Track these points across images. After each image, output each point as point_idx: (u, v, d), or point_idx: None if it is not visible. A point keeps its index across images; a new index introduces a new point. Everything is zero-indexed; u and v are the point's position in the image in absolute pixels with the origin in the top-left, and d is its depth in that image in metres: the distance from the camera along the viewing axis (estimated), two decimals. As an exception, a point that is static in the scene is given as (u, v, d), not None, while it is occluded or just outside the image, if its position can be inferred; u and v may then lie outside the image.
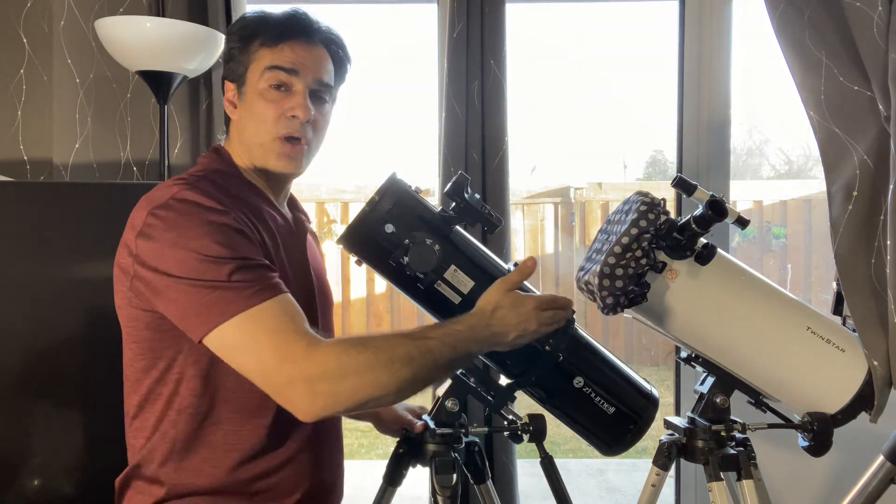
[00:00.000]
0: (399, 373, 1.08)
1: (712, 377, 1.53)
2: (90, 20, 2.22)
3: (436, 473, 1.37)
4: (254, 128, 1.25)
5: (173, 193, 1.12)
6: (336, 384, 1.05)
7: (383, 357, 1.08)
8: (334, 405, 1.07)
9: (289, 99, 1.24)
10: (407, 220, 1.23)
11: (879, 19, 1.51)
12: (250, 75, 1.25)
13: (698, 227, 1.37)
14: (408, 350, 1.10)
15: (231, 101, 1.28)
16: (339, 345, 1.08)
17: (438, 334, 1.14)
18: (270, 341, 1.05)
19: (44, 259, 1.73)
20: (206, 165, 1.26)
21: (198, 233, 1.08)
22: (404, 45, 7.73)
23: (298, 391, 1.05)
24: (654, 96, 9.44)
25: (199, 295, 1.06)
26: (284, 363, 1.04)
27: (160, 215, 1.10)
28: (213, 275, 1.06)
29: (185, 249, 1.07)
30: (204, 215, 1.10)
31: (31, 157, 2.23)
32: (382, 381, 1.08)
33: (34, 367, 1.73)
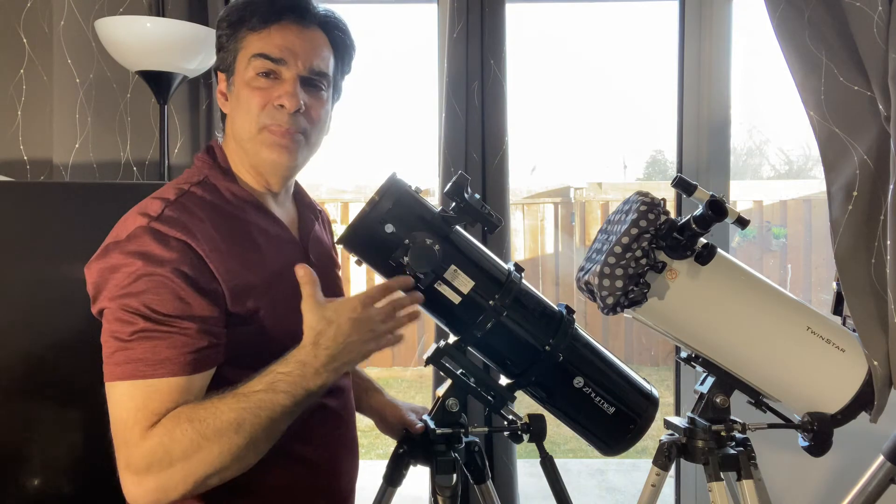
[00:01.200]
0: (231, 442, 1.00)
1: (712, 377, 1.53)
2: (90, 20, 2.22)
3: (436, 473, 1.37)
4: (241, 119, 1.18)
5: (130, 232, 1.07)
6: (162, 475, 0.99)
7: (209, 432, 0.99)
8: (166, 497, 1.00)
9: (276, 87, 1.16)
10: (407, 220, 1.23)
11: (879, 19, 1.51)
12: (238, 64, 1.18)
13: (698, 227, 1.37)
14: (237, 416, 1.01)
15: (222, 92, 1.22)
16: (164, 428, 1.00)
17: (264, 385, 1.04)
18: (122, 418, 1.02)
19: (44, 259, 1.73)
20: (191, 178, 1.19)
21: (125, 285, 1.04)
22: (404, 45, 7.71)
23: (126, 481, 1.01)
24: (654, 96, 9.44)
25: (104, 343, 1.05)
26: (121, 447, 1.02)
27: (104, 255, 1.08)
28: (119, 331, 1.03)
29: (110, 298, 1.05)
30: (142, 267, 1.04)
31: (31, 157, 2.23)
32: (213, 458, 1.00)
33: (34, 367, 1.73)
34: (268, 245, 1.19)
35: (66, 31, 2.23)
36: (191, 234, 1.08)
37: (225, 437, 1.00)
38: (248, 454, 1.03)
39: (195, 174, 1.19)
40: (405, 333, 1.19)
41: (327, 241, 1.41)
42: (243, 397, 1.03)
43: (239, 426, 1.01)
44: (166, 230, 1.07)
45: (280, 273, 1.16)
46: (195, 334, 1.05)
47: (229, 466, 1.02)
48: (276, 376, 1.05)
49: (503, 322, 1.30)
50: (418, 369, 6.03)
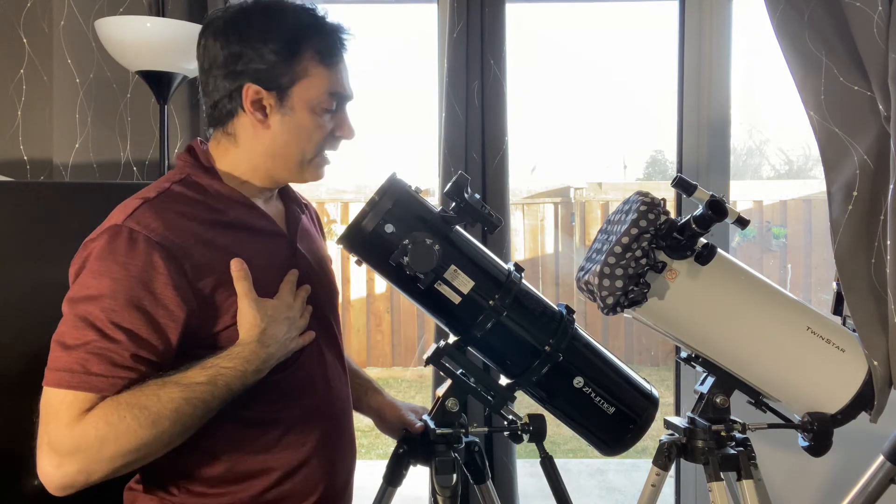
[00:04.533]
0: (165, 431, 1.03)
1: (712, 377, 1.53)
2: (90, 20, 2.22)
3: (436, 473, 1.37)
4: (298, 145, 1.19)
5: (106, 228, 1.09)
6: (89, 459, 1.00)
7: (147, 420, 1.01)
8: (85, 482, 1.01)
9: (336, 118, 1.22)
10: (407, 220, 1.23)
11: (879, 19, 1.51)
12: (302, 91, 1.16)
13: (698, 227, 1.37)
14: (176, 406, 1.03)
15: (258, 107, 1.16)
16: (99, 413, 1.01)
17: (206, 378, 1.06)
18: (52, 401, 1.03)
19: (44, 259, 1.73)
20: (172, 177, 1.19)
21: (91, 286, 1.06)
22: (404, 45, 7.72)
23: (45, 461, 1.01)
24: (654, 96, 9.45)
25: (53, 346, 1.06)
26: (47, 424, 1.03)
27: (77, 255, 1.11)
28: (69, 338, 1.04)
29: (71, 297, 1.08)
30: (113, 269, 1.05)
31: (31, 157, 2.23)
32: (144, 444, 1.02)
33: (34, 367, 1.72)
34: (252, 238, 1.19)
35: (66, 31, 2.23)
36: (167, 231, 1.08)
37: (160, 425, 1.02)
38: (177, 441, 1.06)
39: (176, 173, 1.20)
40: (405, 333, 1.20)
41: (317, 234, 1.41)
42: (185, 388, 1.04)
43: (178, 417, 1.03)
44: (139, 228, 1.07)
45: (266, 265, 1.18)
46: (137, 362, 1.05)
47: (156, 452, 1.05)
48: (219, 370, 1.07)
49: (503, 322, 1.30)
50: (418, 369, 6.03)
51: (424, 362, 1.41)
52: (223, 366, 1.08)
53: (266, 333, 1.11)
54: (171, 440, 1.05)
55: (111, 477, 1.04)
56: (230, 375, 1.08)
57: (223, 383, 1.07)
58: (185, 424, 1.04)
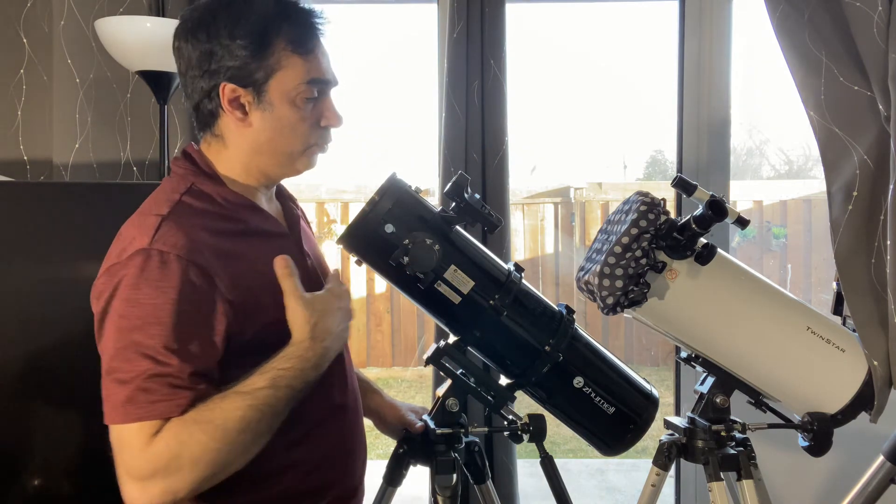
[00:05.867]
0: (238, 441, 1.02)
1: (712, 377, 1.53)
2: (90, 20, 2.22)
3: (436, 473, 1.37)
4: (284, 140, 1.16)
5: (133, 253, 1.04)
6: (169, 479, 0.99)
7: (218, 433, 1.00)
8: (172, 499, 1.00)
9: (321, 106, 1.17)
10: (407, 220, 1.23)
11: (879, 19, 1.51)
12: (278, 83, 1.13)
13: (698, 227, 1.37)
14: (243, 414, 1.02)
15: (237, 106, 1.13)
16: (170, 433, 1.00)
17: (266, 382, 1.05)
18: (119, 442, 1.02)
19: (44, 259, 1.73)
20: (178, 187, 1.14)
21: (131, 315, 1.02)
22: (404, 45, 7.72)
23: (128, 488, 1.01)
24: (654, 96, 9.45)
25: (106, 383, 1.03)
26: (121, 453, 1.02)
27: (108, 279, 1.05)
28: (123, 372, 1.01)
29: (111, 332, 1.03)
30: (151, 294, 1.02)
31: (31, 157, 2.23)
32: (222, 457, 1.01)
33: (34, 367, 1.73)
34: (264, 243, 1.17)
35: (66, 31, 2.23)
36: (194, 247, 1.06)
37: (232, 436, 1.01)
38: (253, 448, 1.05)
39: (181, 183, 1.15)
40: (405, 333, 1.20)
41: (310, 231, 1.40)
42: (248, 395, 1.04)
43: (246, 425, 1.02)
44: (168, 248, 1.04)
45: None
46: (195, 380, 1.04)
47: (235, 462, 1.04)
48: (278, 373, 1.06)
49: (503, 322, 1.30)
50: (418, 369, 6.03)
51: (424, 362, 1.41)
52: (280, 368, 1.07)
53: (318, 328, 1.10)
54: (245, 448, 1.04)
55: (199, 492, 1.03)
56: (289, 376, 1.07)
57: (284, 384, 1.06)
58: (255, 431, 1.04)
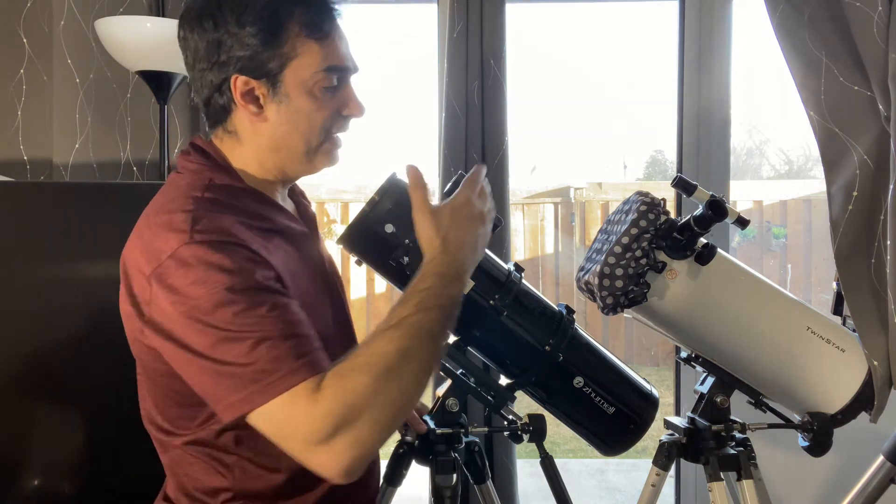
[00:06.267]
0: (405, 373, 0.94)
1: (712, 377, 1.53)
2: (90, 20, 2.22)
3: (436, 473, 1.37)
4: (300, 133, 1.07)
5: (177, 253, 0.94)
6: (352, 431, 0.90)
7: (381, 371, 0.92)
8: (364, 453, 0.92)
9: (341, 95, 1.09)
10: (407, 220, 1.23)
11: (879, 19, 1.51)
12: (294, 73, 1.04)
13: (698, 227, 1.37)
14: (399, 345, 0.94)
15: (251, 99, 1.05)
16: (332, 387, 0.91)
17: (413, 307, 0.98)
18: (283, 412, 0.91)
19: (44, 259, 1.73)
20: (195, 183, 1.05)
21: (214, 301, 0.92)
22: (404, 45, 7.72)
23: (314, 457, 0.91)
24: (655, 96, 9.45)
25: (219, 378, 0.92)
26: (295, 428, 0.91)
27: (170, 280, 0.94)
28: (233, 355, 0.91)
29: (201, 324, 0.92)
30: (218, 277, 0.93)
31: (31, 157, 2.23)
32: (394, 395, 0.93)
33: (34, 367, 1.73)
34: (288, 242, 1.11)
35: (66, 31, 2.23)
36: (238, 234, 0.98)
37: (397, 370, 0.93)
38: (423, 378, 0.97)
39: (197, 178, 1.06)
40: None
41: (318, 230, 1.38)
42: (398, 327, 0.96)
43: (407, 354, 0.94)
44: (214, 237, 0.96)
45: (304, 269, 1.11)
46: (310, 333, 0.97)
47: (411, 397, 0.97)
48: (421, 295, 1.00)
49: (503, 322, 1.30)
50: (418, 369, 6.02)
51: (424, 362, 1.40)
52: (421, 289, 1.01)
53: (448, 241, 1.05)
54: (416, 380, 0.96)
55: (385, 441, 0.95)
56: (434, 295, 1.00)
57: (431, 305, 0.99)
58: (419, 359, 0.96)
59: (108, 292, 1.74)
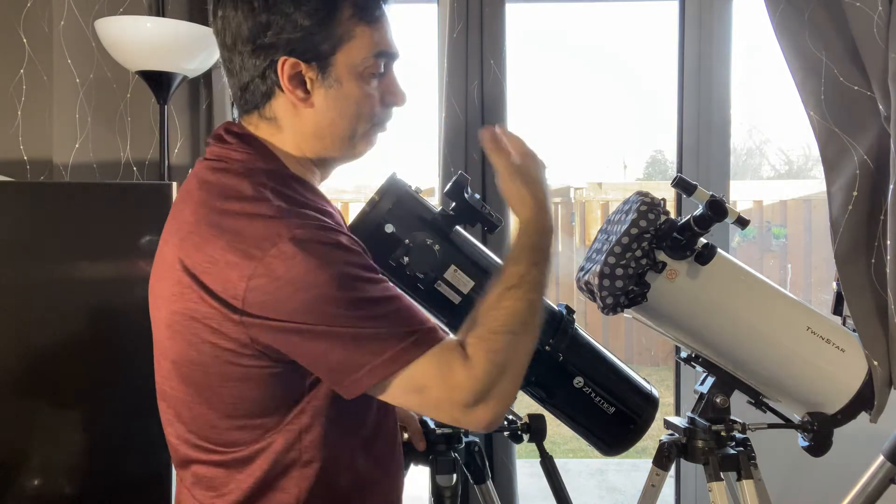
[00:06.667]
0: (534, 326, 1.02)
1: (712, 377, 1.53)
2: (90, 20, 2.22)
3: (436, 473, 1.37)
4: (347, 119, 1.03)
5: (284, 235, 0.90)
6: (499, 387, 0.97)
7: (517, 327, 0.99)
8: (509, 404, 1.00)
9: (384, 83, 1.06)
10: (407, 220, 1.23)
11: (879, 19, 1.51)
12: (344, 56, 1.00)
13: (698, 227, 1.37)
14: (525, 301, 1.00)
15: (298, 82, 1.00)
16: (481, 347, 0.96)
17: (527, 264, 1.03)
18: (439, 379, 0.94)
19: (44, 259, 1.73)
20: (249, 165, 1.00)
21: (336, 273, 0.91)
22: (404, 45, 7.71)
23: (475, 414, 0.96)
24: (654, 96, 9.45)
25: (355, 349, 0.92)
26: (453, 393, 0.95)
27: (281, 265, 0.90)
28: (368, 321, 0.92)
29: (329, 298, 0.91)
30: (337, 254, 0.93)
31: (31, 157, 2.23)
32: (529, 347, 1.01)
33: (34, 366, 1.73)
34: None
35: (66, 31, 2.23)
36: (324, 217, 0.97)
37: (531, 324, 1.01)
38: (540, 327, 1.05)
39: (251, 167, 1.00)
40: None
41: None
42: (519, 285, 1.01)
43: (532, 309, 1.02)
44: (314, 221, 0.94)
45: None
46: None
47: (534, 346, 1.04)
48: (529, 251, 1.04)
49: (503, 322, 1.30)
50: (418, 369, 6.02)
51: (424, 362, 1.40)
52: (528, 245, 1.05)
53: (539, 198, 1.08)
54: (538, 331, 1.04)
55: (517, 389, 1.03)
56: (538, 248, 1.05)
57: (539, 258, 1.04)
58: (539, 312, 1.03)
59: (107, 292, 1.74)
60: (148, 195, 1.79)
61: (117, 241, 1.74)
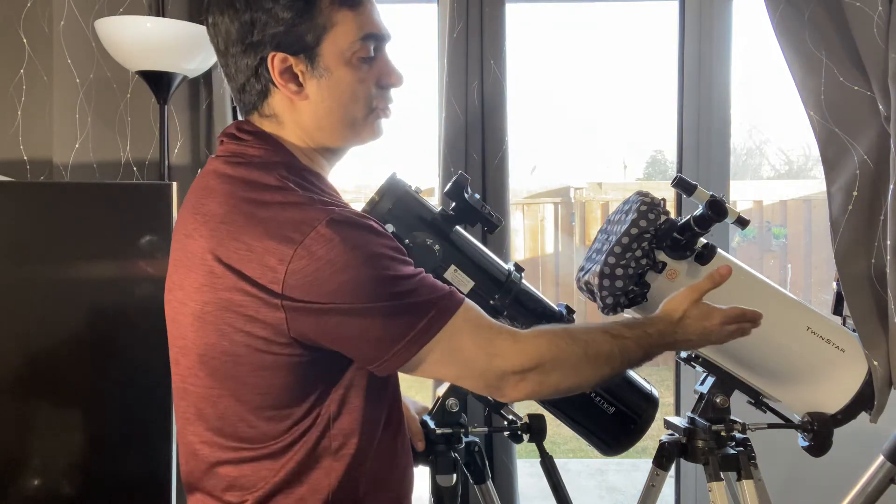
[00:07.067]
0: (601, 370, 1.08)
1: (712, 377, 1.53)
2: (90, 20, 2.22)
3: (436, 473, 1.37)
4: (344, 107, 1.05)
5: (321, 218, 0.93)
6: (546, 375, 1.03)
7: (591, 353, 1.07)
8: (540, 391, 1.06)
9: (379, 64, 1.06)
10: (407, 220, 1.23)
11: (879, 19, 1.51)
12: (330, 45, 1.01)
13: (698, 227, 1.37)
14: (611, 349, 1.08)
15: (289, 76, 1.02)
16: (546, 336, 1.06)
17: (635, 335, 1.12)
18: (476, 344, 1.00)
19: (44, 259, 1.73)
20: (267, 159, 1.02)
21: (370, 254, 0.94)
22: (404, 45, 7.71)
23: (510, 382, 1.02)
24: (654, 96, 9.45)
25: (392, 323, 0.95)
26: (495, 359, 1.01)
27: (320, 247, 0.92)
28: (401, 296, 0.95)
29: (365, 278, 0.93)
30: (364, 236, 0.95)
31: (31, 157, 2.23)
32: (586, 375, 1.08)
33: (34, 366, 1.73)
34: None
35: (66, 31, 2.23)
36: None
37: (600, 362, 1.07)
38: (600, 384, 1.15)
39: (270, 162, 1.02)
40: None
41: None
42: (618, 338, 1.09)
43: (611, 359, 1.08)
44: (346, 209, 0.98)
45: None
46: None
47: (586, 387, 1.14)
48: (643, 333, 1.13)
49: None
50: (418, 369, 6.01)
51: (424, 362, 1.40)
52: (647, 331, 1.13)
53: (683, 322, 1.17)
54: (598, 381, 1.11)
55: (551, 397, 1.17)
56: (649, 342, 1.13)
57: (645, 344, 1.12)
58: (611, 369, 1.09)
59: (107, 292, 1.74)
60: (148, 195, 1.79)
61: (117, 241, 1.74)
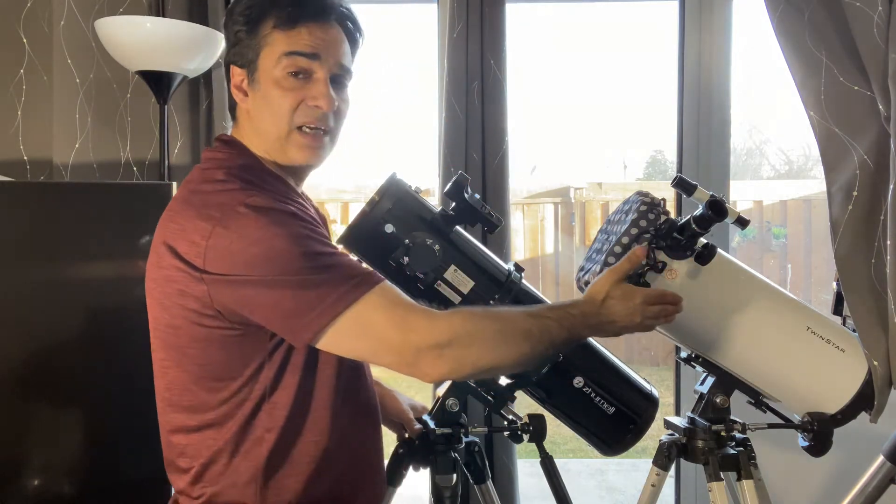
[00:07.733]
0: (520, 347, 1.10)
1: (712, 377, 1.53)
2: (90, 20, 2.22)
3: (436, 473, 1.37)
4: (270, 119, 1.15)
5: (241, 200, 1.04)
6: (463, 350, 1.06)
7: (508, 329, 1.10)
8: (459, 369, 1.08)
9: (309, 87, 1.14)
10: (407, 220, 1.23)
11: (879, 19, 1.51)
12: (263, 61, 1.14)
13: (698, 227, 1.37)
14: (529, 326, 1.11)
15: (240, 87, 1.17)
16: (461, 313, 1.10)
17: (556, 315, 1.15)
18: (389, 319, 1.04)
19: (44, 259, 1.73)
20: (228, 161, 1.14)
21: (286, 232, 1.03)
22: (404, 45, 7.73)
23: (427, 358, 1.05)
24: (654, 96, 9.45)
25: (304, 294, 1.02)
26: (409, 334, 1.04)
27: (236, 224, 1.02)
28: (315, 270, 1.02)
29: (278, 251, 1.02)
30: (287, 218, 1.05)
31: (31, 157, 2.23)
32: (504, 352, 1.10)
33: (34, 366, 1.73)
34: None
35: (66, 31, 2.23)
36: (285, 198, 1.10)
37: (518, 339, 1.11)
38: (521, 363, 1.15)
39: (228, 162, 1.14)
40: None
41: None
42: (537, 317, 1.14)
43: (530, 336, 1.11)
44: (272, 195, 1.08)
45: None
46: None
47: (507, 367, 1.17)
48: (565, 313, 1.16)
49: (503, 322, 1.30)
50: (418, 369, 6.01)
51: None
52: (569, 311, 1.17)
53: (606, 303, 1.19)
54: (521, 360, 1.13)
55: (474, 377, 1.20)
56: (571, 321, 1.16)
57: (567, 325, 1.15)
58: (531, 349, 1.12)
59: (107, 292, 1.74)
60: (148, 195, 1.79)
61: (117, 241, 1.74)
